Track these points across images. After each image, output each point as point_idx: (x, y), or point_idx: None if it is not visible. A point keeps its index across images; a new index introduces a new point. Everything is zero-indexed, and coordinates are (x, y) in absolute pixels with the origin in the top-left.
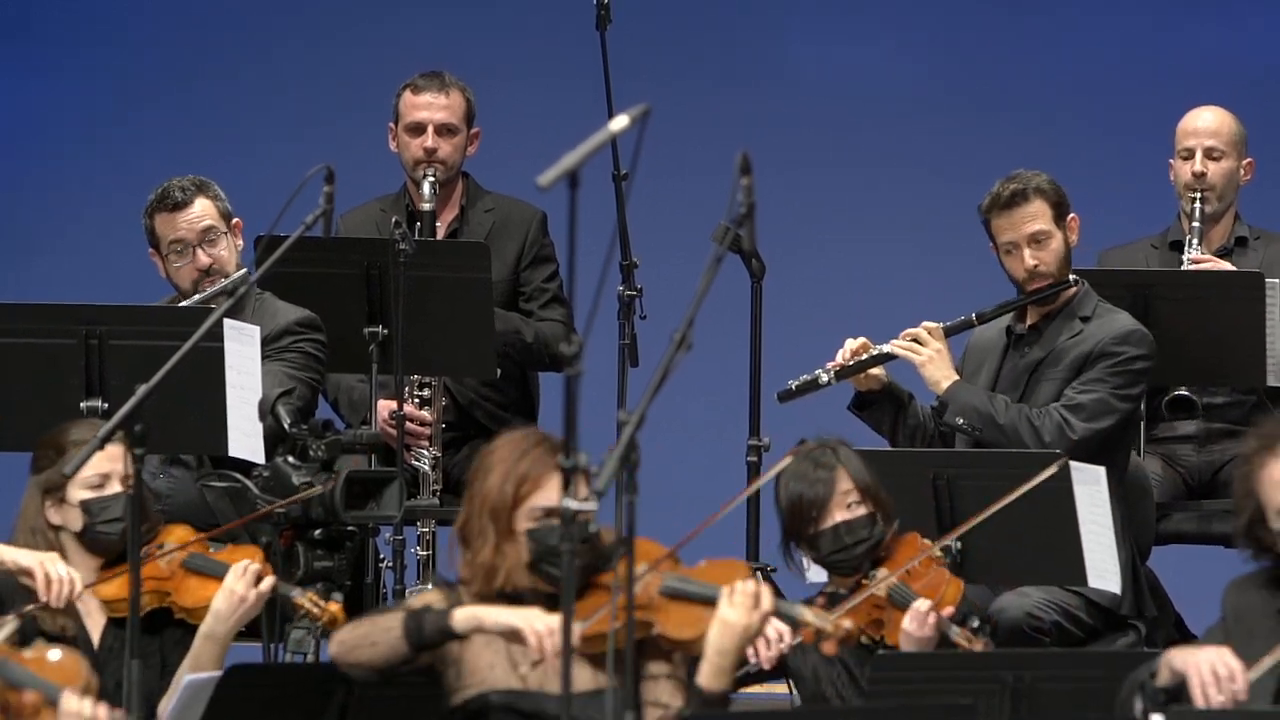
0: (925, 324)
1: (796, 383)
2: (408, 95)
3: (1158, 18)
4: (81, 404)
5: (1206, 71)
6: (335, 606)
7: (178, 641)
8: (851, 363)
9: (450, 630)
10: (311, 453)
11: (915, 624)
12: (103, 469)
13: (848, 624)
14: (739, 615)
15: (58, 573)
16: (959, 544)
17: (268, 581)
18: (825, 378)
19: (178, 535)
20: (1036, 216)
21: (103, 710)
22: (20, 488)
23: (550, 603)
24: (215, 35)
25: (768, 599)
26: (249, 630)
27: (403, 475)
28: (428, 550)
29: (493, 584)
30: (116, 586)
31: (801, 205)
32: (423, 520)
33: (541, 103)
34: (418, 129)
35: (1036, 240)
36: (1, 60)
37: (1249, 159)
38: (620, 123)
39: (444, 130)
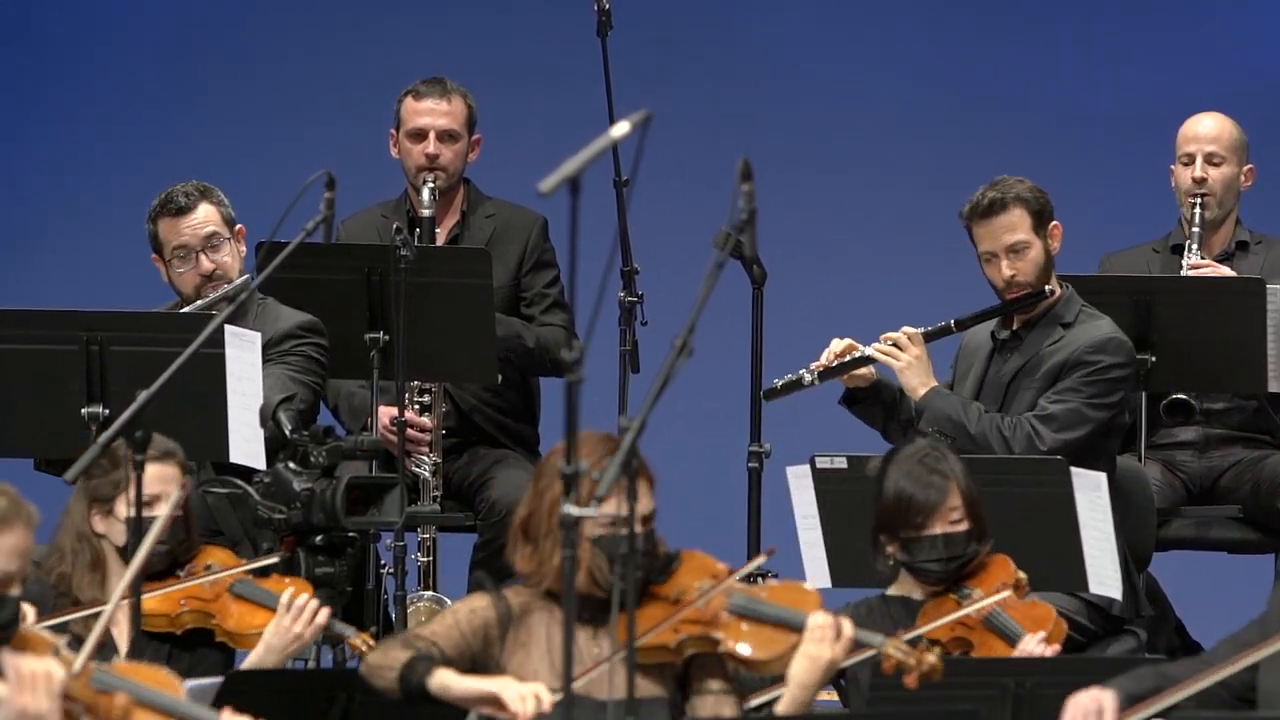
0: (905, 329)
1: (781, 381)
2: (409, 101)
3: (1161, 21)
4: (83, 410)
5: (1210, 76)
6: None
7: (213, 665)
8: (835, 364)
9: (425, 690)
10: (312, 459)
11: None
12: (153, 489)
13: (932, 659)
14: (824, 649)
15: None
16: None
17: (323, 615)
18: (809, 378)
19: (218, 557)
20: (1015, 226)
21: None
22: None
23: (603, 609)
24: (217, 39)
25: (848, 628)
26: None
27: (404, 481)
28: (429, 556)
29: (559, 580)
30: (154, 601)
31: (803, 211)
32: (423, 526)
33: (543, 109)
34: (419, 135)
35: (1015, 250)
36: (4, 62)
37: (1250, 165)
38: (621, 129)
39: (445, 136)
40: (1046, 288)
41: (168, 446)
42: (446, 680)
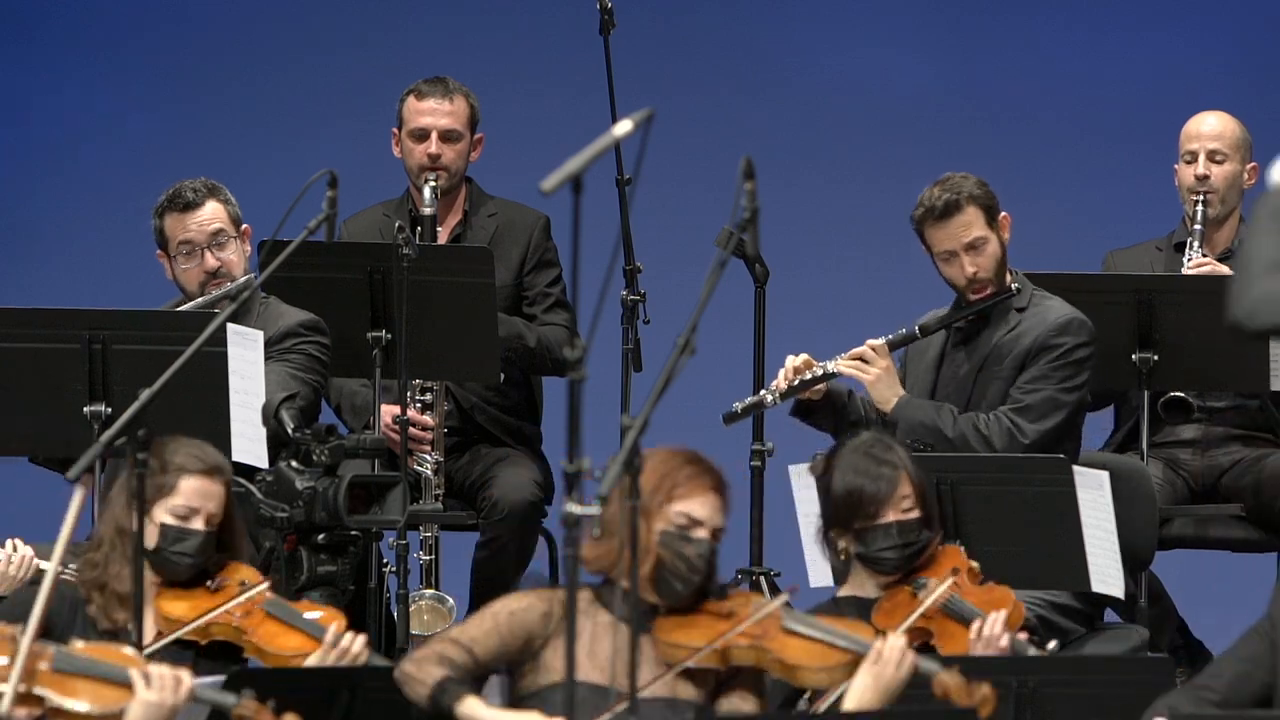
0: (870, 342)
1: (742, 405)
2: (411, 101)
3: (1165, 20)
4: (85, 409)
5: (1215, 74)
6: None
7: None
8: (796, 382)
9: (454, 713)
10: (315, 457)
11: (987, 645)
12: (194, 502)
13: (985, 690)
14: (887, 669)
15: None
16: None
17: (360, 646)
18: (770, 399)
19: (247, 574)
20: (971, 224)
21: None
22: (23, 491)
23: (651, 612)
24: (220, 39)
25: (911, 655)
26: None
27: (406, 480)
28: (431, 555)
29: (602, 567)
30: (179, 607)
31: (805, 210)
32: (426, 525)
33: (545, 107)
34: (421, 135)
35: (973, 247)
36: (7, 63)
37: (1253, 163)
38: (624, 127)
39: (447, 136)
40: (1014, 286)
41: (216, 461)
42: (474, 710)
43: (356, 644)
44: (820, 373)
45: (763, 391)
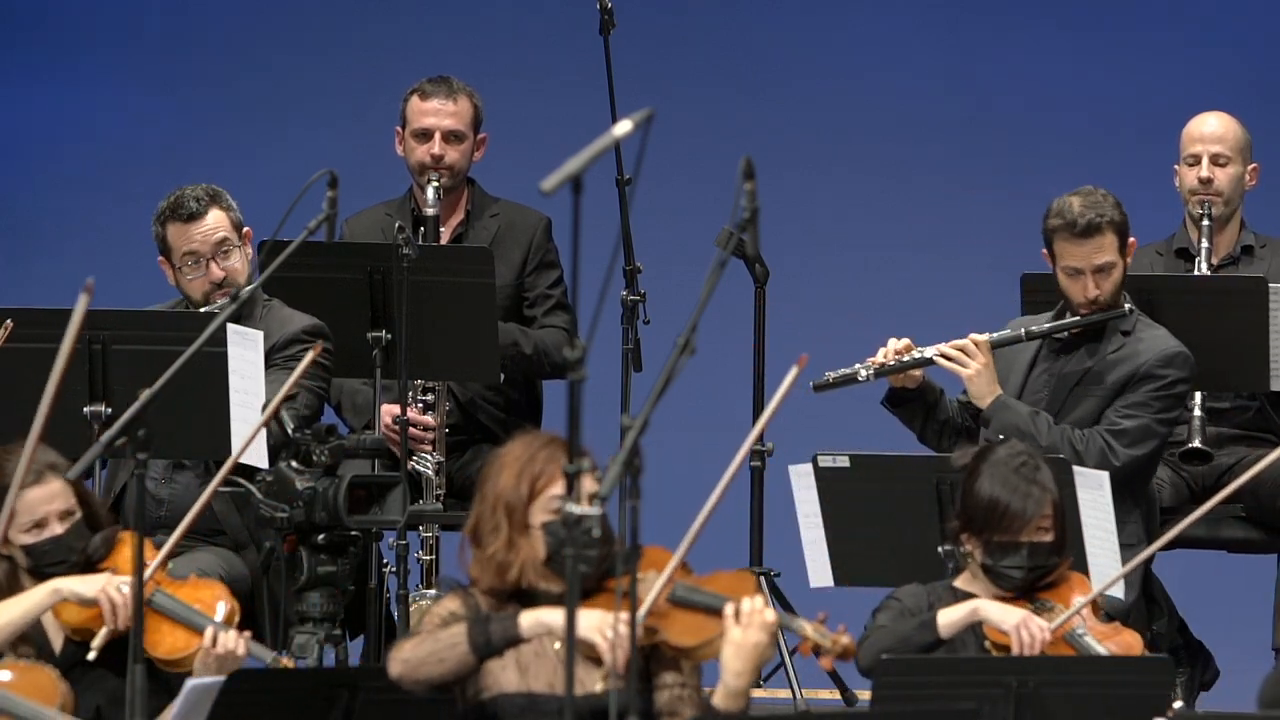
0: (973, 336)
1: (834, 375)
2: (415, 100)
3: (1165, 22)
4: (85, 409)
5: (1213, 76)
6: None
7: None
8: (893, 363)
9: (518, 638)
10: (315, 457)
11: None
12: (38, 513)
13: (845, 640)
14: (748, 635)
15: (121, 595)
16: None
17: (243, 645)
18: (864, 374)
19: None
20: (1106, 249)
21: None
22: None
23: (558, 602)
24: (220, 39)
25: (770, 615)
26: (252, 635)
27: (406, 480)
28: (431, 555)
29: (505, 578)
30: (76, 613)
31: (805, 211)
32: (426, 525)
33: (545, 108)
34: (424, 134)
35: (1101, 270)
36: (8, 62)
37: (1254, 164)
38: (624, 127)
39: (451, 136)
40: (1127, 307)
41: (43, 461)
42: (542, 618)
43: (230, 642)
44: (919, 357)
45: (857, 365)
